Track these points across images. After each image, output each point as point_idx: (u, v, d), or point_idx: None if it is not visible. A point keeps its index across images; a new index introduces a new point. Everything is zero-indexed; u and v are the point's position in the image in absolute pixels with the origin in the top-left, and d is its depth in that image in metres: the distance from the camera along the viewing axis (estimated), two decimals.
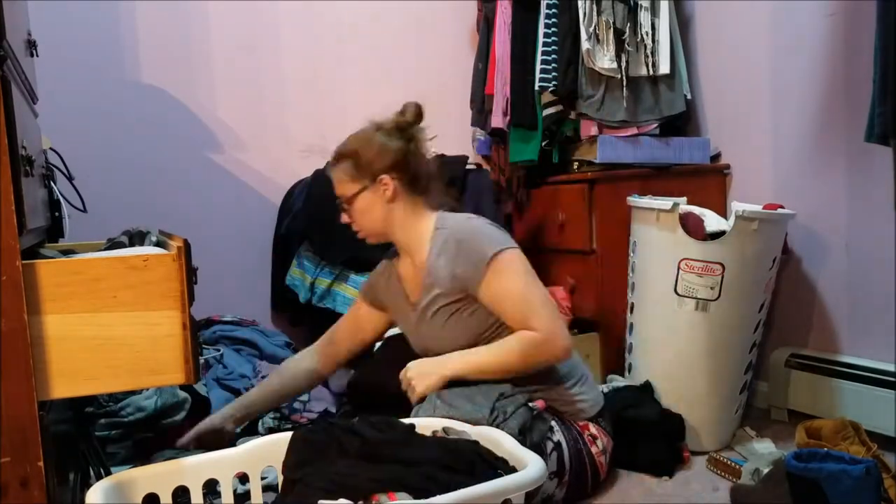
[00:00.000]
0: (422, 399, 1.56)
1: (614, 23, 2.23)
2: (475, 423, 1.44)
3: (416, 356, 1.69)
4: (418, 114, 1.70)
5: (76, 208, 1.62)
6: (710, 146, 2.39)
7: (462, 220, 1.67)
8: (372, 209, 1.67)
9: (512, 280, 1.57)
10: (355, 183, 1.66)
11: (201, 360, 2.05)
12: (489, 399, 1.52)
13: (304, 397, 2.04)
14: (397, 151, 1.65)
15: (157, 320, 1.08)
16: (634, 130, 2.31)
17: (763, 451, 1.82)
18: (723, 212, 2.14)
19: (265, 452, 1.34)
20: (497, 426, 1.44)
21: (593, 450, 1.63)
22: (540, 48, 2.30)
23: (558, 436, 1.58)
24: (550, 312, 1.58)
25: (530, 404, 1.55)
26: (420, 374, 1.59)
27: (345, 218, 1.72)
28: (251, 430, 1.95)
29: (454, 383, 1.61)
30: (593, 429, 1.66)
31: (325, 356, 1.87)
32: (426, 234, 1.67)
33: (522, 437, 1.46)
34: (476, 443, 1.29)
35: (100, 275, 1.05)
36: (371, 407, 1.66)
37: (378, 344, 1.93)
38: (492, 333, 1.62)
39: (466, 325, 1.62)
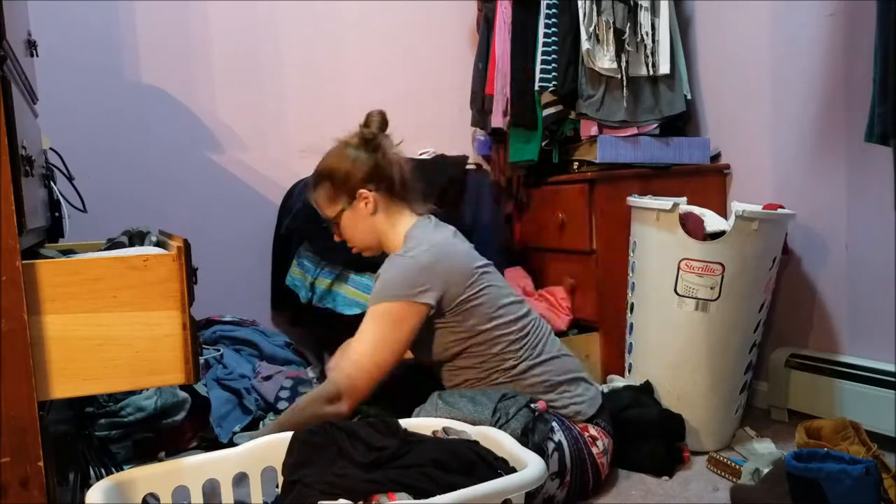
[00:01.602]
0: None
1: (614, 23, 2.23)
2: (477, 423, 1.44)
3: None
4: (382, 122, 1.76)
5: (76, 208, 1.62)
6: (710, 146, 2.39)
7: (407, 250, 1.64)
8: (357, 224, 1.73)
9: (366, 329, 1.59)
10: (336, 203, 1.73)
11: (201, 360, 2.05)
12: (492, 400, 1.53)
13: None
14: (369, 163, 1.71)
15: (157, 320, 1.08)
16: (634, 130, 2.31)
17: (763, 451, 1.82)
18: (723, 212, 2.14)
19: (265, 452, 1.34)
20: (499, 427, 1.44)
21: (594, 450, 1.63)
22: (540, 48, 2.30)
23: (559, 436, 1.59)
24: (359, 377, 1.56)
25: (532, 405, 1.55)
26: None
27: (337, 237, 1.78)
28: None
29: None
30: (593, 430, 1.66)
31: None
32: (398, 245, 1.71)
33: (525, 438, 1.46)
34: (476, 443, 1.29)
35: (100, 275, 1.05)
36: (377, 400, 1.68)
37: None
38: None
39: None
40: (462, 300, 1.61)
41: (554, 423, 1.60)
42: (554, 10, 2.30)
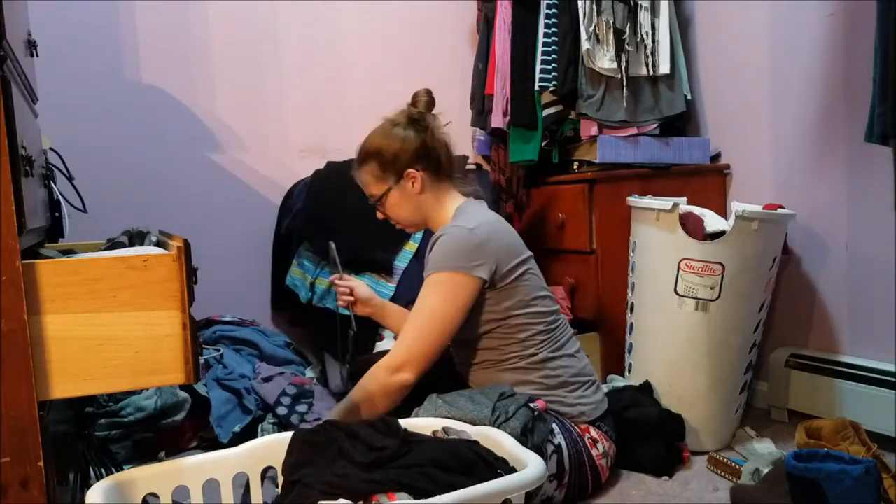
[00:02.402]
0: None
1: (614, 23, 2.23)
2: (476, 422, 1.44)
3: None
4: (430, 102, 1.74)
5: (76, 208, 1.62)
6: (710, 146, 2.39)
7: (463, 222, 1.63)
8: (404, 204, 1.72)
9: (425, 297, 1.61)
10: (383, 182, 1.71)
11: (201, 360, 2.05)
12: (490, 398, 1.53)
13: (303, 408, 2.03)
14: (417, 143, 1.69)
15: (157, 320, 1.08)
16: (634, 130, 2.31)
17: (763, 451, 1.82)
18: (723, 212, 2.14)
19: (265, 452, 1.34)
20: (498, 426, 1.44)
21: (594, 453, 1.63)
22: (540, 48, 2.30)
23: (559, 438, 1.59)
24: (418, 346, 1.57)
25: (531, 405, 1.55)
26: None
27: (380, 215, 1.77)
28: (251, 435, 1.95)
29: (457, 385, 1.64)
30: (594, 432, 1.66)
31: None
32: (447, 221, 1.71)
33: (524, 437, 1.46)
34: (476, 443, 1.29)
35: (100, 275, 1.05)
36: None
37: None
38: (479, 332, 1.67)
39: None
40: (507, 281, 1.63)
41: (554, 426, 1.60)
42: (554, 10, 2.29)
